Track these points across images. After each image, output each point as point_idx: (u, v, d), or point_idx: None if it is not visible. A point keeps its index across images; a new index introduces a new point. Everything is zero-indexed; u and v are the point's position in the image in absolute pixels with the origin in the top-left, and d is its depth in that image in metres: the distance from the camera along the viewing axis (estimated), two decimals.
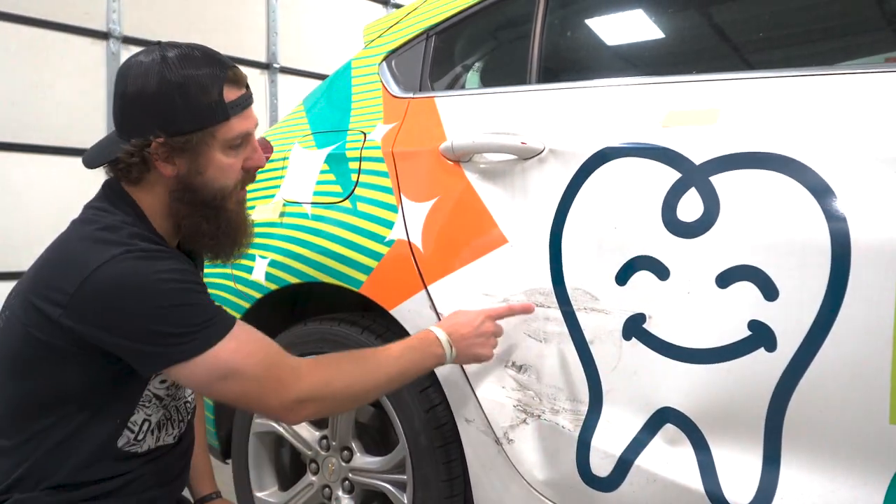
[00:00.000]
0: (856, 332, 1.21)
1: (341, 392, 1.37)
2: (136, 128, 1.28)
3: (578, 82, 1.63)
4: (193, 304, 1.25)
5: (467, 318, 1.54)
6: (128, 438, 1.35)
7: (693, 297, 1.36)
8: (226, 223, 1.37)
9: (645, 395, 1.43)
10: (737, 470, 1.33)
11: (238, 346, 1.27)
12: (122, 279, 1.19)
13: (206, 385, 1.27)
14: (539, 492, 1.55)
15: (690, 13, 1.77)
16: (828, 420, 1.24)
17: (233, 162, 1.35)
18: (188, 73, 1.27)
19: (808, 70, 1.34)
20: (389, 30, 2.07)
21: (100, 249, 1.21)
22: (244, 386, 1.27)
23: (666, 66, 1.79)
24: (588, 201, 1.49)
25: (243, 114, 1.34)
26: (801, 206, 1.25)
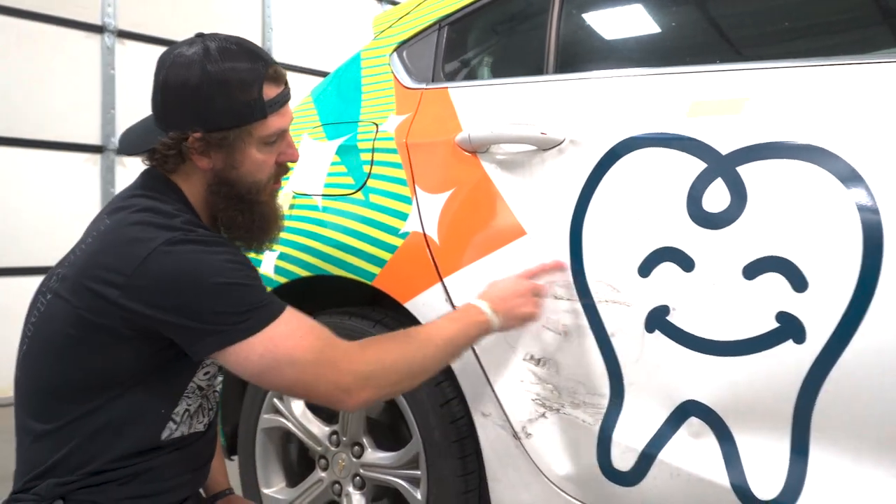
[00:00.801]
0: (887, 323, 1.19)
1: (396, 370, 1.34)
2: (175, 120, 1.29)
3: (598, 72, 1.61)
4: (251, 285, 1.26)
5: (503, 283, 1.52)
6: (171, 430, 1.35)
7: (719, 289, 1.34)
8: (260, 216, 1.39)
9: (668, 389, 1.41)
10: (763, 464, 1.31)
11: (291, 330, 1.26)
12: (183, 259, 1.20)
13: (259, 371, 1.25)
14: (558, 487, 1.53)
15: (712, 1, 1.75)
16: (859, 412, 1.23)
17: (267, 157, 1.36)
18: (229, 69, 1.27)
19: (835, 59, 1.32)
20: (399, 20, 2.04)
21: (158, 231, 1.22)
22: (298, 372, 1.25)
23: (689, 55, 1.77)
24: (610, 192, 1.47)
25: (280, 111, 1.34)
26: (831, 195, 1.24)
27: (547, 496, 1.55)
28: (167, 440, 1.34)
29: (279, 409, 1.94)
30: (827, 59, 1.33)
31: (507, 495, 1.61)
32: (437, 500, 1.69)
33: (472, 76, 1.94)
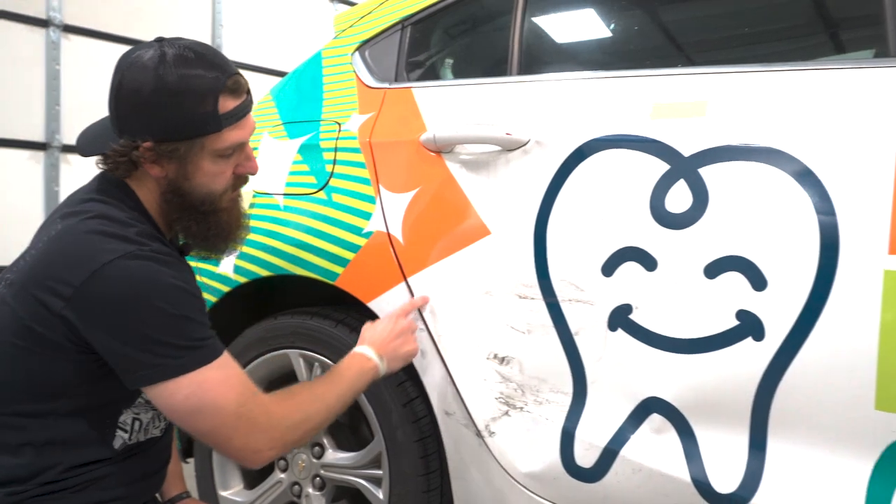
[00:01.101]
0: (844, 322, 1.24)
1: (299, 429, 1.33)
2: (127, 127, 1.24)
3: (562, 74, 1.63)
4: (196, 319, 1.23)
5: (380, 326, 1.57)
6: (123, 439, 1.32)
7: (681, 288, 1.37)
8: (216, 225, 1.35)
9: (631, 386, 1.44)
10: (723, 458, 1.35)
11: (223, 377, 1.24)
12: (135, 278, 1.16)
13: (180, 411, 1.22)
14: (521, 484, 1.55)
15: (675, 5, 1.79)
16: (815, 407, 1.27)
17: (222, 169, 1.31)
18: (184, 78, 1.21)
19: (795, 65, 1.37)
20: (362, 20, 2.04)
21: (110, 243, 1.18)
22: (219, 422, 1.23)
23: (650, 59, 1.81)
24: (575, 192, 1.49)
25: (238, 124, 1.29)
26: (789, 197, 1.28)
27: (510, 493, 1.56)
28: (121, 448, 1.32)
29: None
30: (785, 65, 1.37)
31: (471, 493, 1.62)
32: (399, 499, 1.69)
33: (436, 76, 1.95)
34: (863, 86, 1.29)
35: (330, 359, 1.76)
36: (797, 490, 1.28)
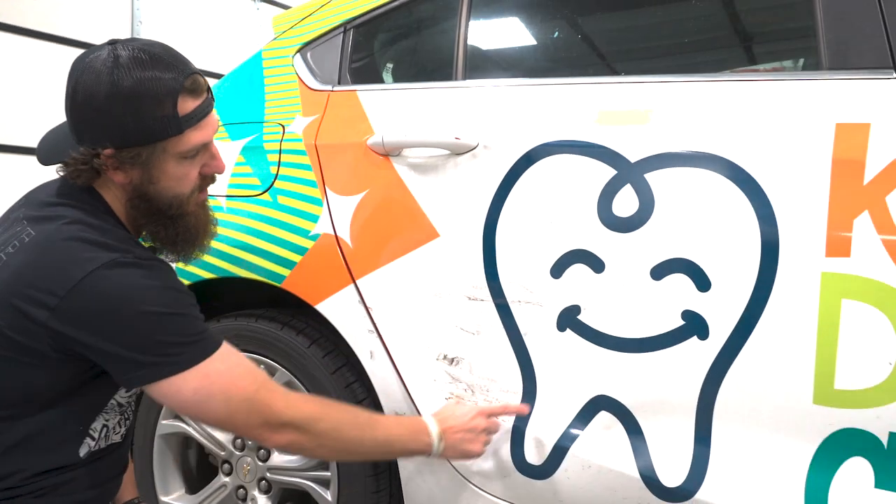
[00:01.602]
0: (784, 321, 1.30)
1: (327, 433, 1.31)
2: (85, 135, 1.21)
3: (510, 80, 1.66)
4: (189, 315, 1.23)
5: (461, 412, 1.50)
6: (89, 446, 1.30)
7: (628, 289, 1.42)
8: (184, 229, 1.33)
9: (579, 384, 1.48)
10: (670, 453, 1.40)
11: (228, 367, 1.24)
12: (122, 284, 1.16)
13: (191, 405, 1.22)
14: (472, 482, 1.57)
15: (614, 15, 1.84)
16: (757, 402, 1.33)
17: (187, 171, 1.29)
18: (140, 82, 1.18)
19: (736, 75, 1.43)
20: (302, 22, 2.03)
21: (93, 251, 1.16)
22: (232, 405, 1.23)
23: (595, 66, 1.85)
24: (523, 196, 1.52)
25: (200, 124, 1.26)
26: (732, 202, 1.34)
27: (460, 492, 1.59)
28: (86, 455, 1.30)
29: (179, 415, 1.89)
30: (726, 75, 1.44)
31: (421, 492, 1.64)
32: (347, 499, 1.69)
33: (380, 79, 1.95)
34: (800, 97, 1.36)
35: (276, 361, 1.76)
36: (741, 482, 1.34)
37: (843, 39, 1.37)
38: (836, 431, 1.28)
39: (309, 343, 1.74)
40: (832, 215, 1.28)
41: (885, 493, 1.25)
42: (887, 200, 1.25)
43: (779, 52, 1.78)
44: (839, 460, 1.28)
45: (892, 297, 1.23)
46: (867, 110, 1.30)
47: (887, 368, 1.24)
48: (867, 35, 1.36)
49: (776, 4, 1.75)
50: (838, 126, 1.30)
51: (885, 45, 1.34)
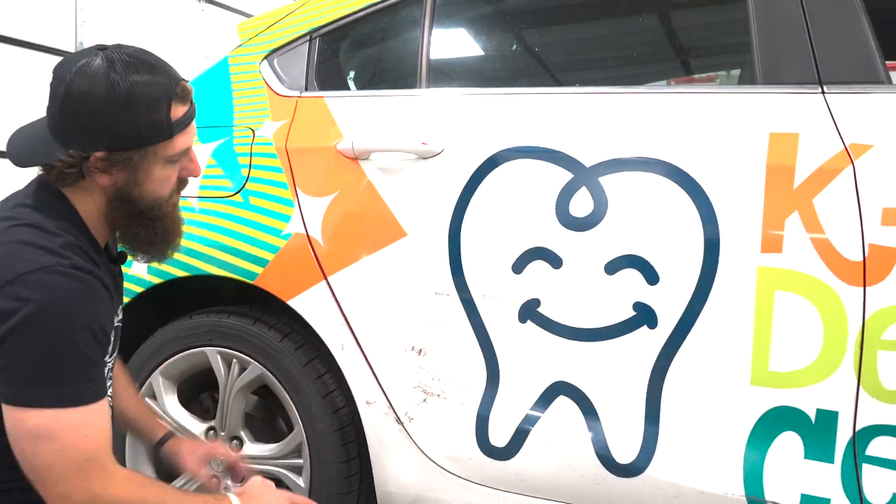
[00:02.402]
0: (724, 310, 1.45)
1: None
2: (76, 139, 1.23)
3: (472, 89, 1.78)
4: (88, 356, 1.21)
5: (269, 498, 1.42)
6: None
7: (584, 283, 1.55)
8: (162, 230, 1.37)
9: (540, 371, 1.60)
10: (623, 433, 1.54)
11: (85, 425, 1.19)
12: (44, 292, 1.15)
13: (25, 438, 1.18)
14: (439, 465, 1.68)
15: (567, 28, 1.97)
16: (700, 384, 1.48)
17: (170, 173, 1.33)
18: (136, 87, 1.21)
19: (683, 88, 1.57)
20: (268, 29, 2.11)
21: (33, 254, 1.18)
22: (57, 460, 1.18)
23: (550, 76, 1.98)
24: (486, 198, 1.64)
25: (186, 129, 1.31)
26: (678, 204, 1.48)
27: (429, 474, 1.70)
28: None
29: (151, 408, 1.95)
30: (672, 88, 1.58)
31: (391, 476, 1.74)
32: (320, 485, 1.79)
33: (344, 86, 2.05)
34: (738, 108, 1.51)
35: (249, 355, 1.84)
36: (687, 457, 1.48)
37: (775, 57, 1.53)
38: (770, 409, 1.43)
39: (281, 337, 1.82)
40: (766, 215, 1.43)
41: (813, 463, 1.41)
42: (814, 202, 1.40)
43: (720, 65, 1.93)
44: (773, 435, 1.44)
45: (819, 288, 1.39)
46: (796, 121, 1.46)
47: (814, 352, 1.40)
48: (796, 53, 1.51)
49: (717, 22, 1.90)
50: (771, 135, 1.46)
51: (811, 63, 1.50)
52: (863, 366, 1.37)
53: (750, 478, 1.44)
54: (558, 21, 2.00)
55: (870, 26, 1.49)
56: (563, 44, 2.01)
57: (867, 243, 1.37)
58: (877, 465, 1.38)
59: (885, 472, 1.37)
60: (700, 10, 1.87)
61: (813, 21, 1.52)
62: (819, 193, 1.40)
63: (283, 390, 1.81)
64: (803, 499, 1.40)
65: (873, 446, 1.38)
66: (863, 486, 1.38)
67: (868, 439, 1.38)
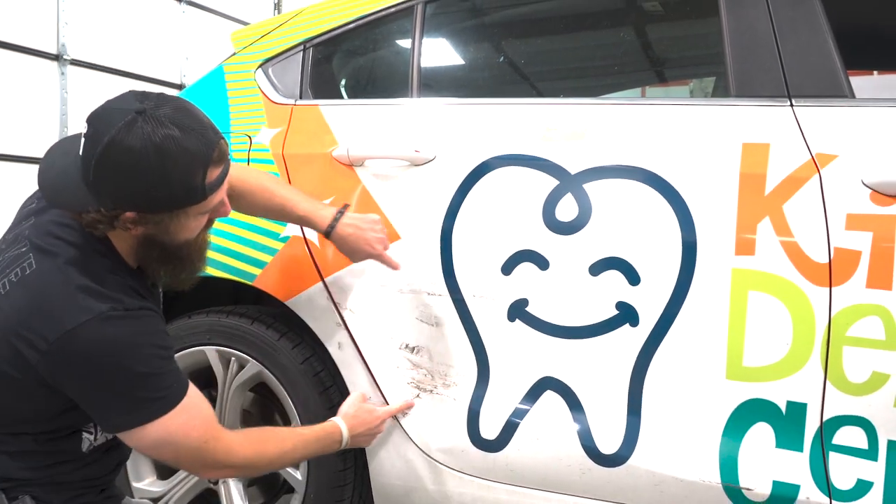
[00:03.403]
0: (701, 309, 1.55)
1: (258, 469, 1.58)
2: (107, 195, 1.24)
3: (463, 98, 1.87)
4: (164, 372, 1.33)
5: (370, 418, 1.72)
6: (89, 441, 1.43)
7: (569, 284, 1.64)
8: (189, 265, 1.43)
9: (528, 368, 1.69)
10: (607, 425, 1.63)
11: (185, 420, 1.35)
12: (106, 340, 1.25)
13: (148, 449, 1.38)
14: (433, 457, 1.77)
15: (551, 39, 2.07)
16: (679, 378, 1.58)
17: (202, 221, 1.37)
18: (172, 155, 1.21)
19: (659, 100, 1.67)
20: (262, 39, 2.19)
21: (85, 302, 1.25)
22: (181, 453, 1.39)
23: (536, 87, 2.08)
24: (477, 203, 1.73)
25: (222, 186, 1.33)
26: (658, 209, 1.58)
27: (422, 466, 1.78)
28: (89, 450, 1.43)
29: None
30: (651, 100, 1.68)
31: (385, 468, 1.82)
32: (316, 478, 1.87)
33: (338, 94, 2.13)
34: (713, 119, 1.61)
35: (247, 354, 1.91)
36: (667, 447, 1.58)
37: (747, 72, 1.63)
38: (744, 401, 1.53)
39: (278, 336, 1.90)
40: (740, 220, 1.53)
41: (784, 452, 1.51)
42: (784, 208, 1.51)
43: (697, 76, 2.04)
44: (747, 426, 1.54)
45: (788, 288, 1.49)
46: (767, 132, 1.56)
47: (785, 348, 1.50)
48: (766, 69, 1.62)
49: (693, 35, 2.01)
50: (744, 145, 1.56)
51: (780, 78, 1.60)
52: (829, 360, 1.47)
53: (725, 466, 1.54)
54: (543, 33, 2.10)
55: (835, 44, 1.60)
56: (548, 54, 2.10)
57: (833, 246, 1.47)
58: (842, 454, 1.48)
59: (850, 459, 1.48)
60: (677, 25, 1.98)
61: (782, 39, 1.62)
62: (788, 200, 1.51)
63: (280, 387, 1.89)
64: (775, 485, 1.50)
65: (839, 435, 1.48)
66: (830, 473, 1.48)
67: (834, 429, 1.49)
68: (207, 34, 6.45)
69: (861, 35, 2.03)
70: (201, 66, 6.00)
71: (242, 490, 1.97)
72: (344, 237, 1.69)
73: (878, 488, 1.45)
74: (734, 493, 1.53)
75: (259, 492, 2.08)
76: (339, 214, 1.70)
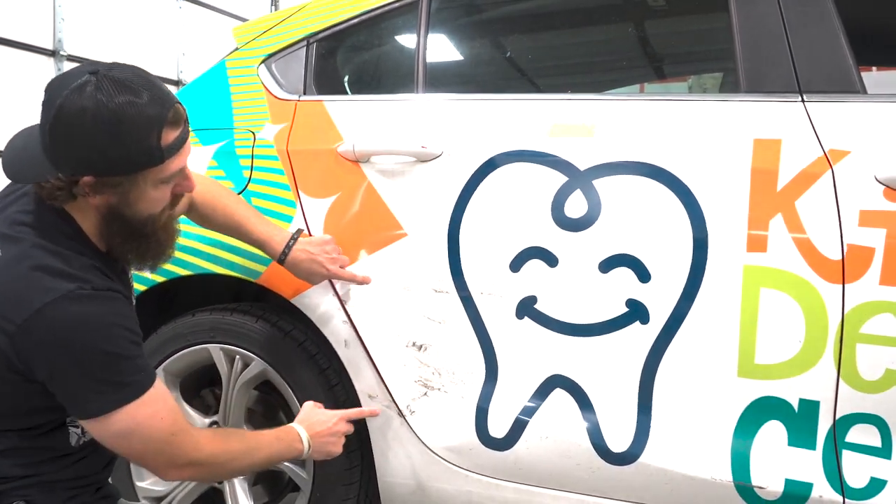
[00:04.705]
0: (712, 306, 1.54)
1: (221, 465, 1.48)
2: (66, 163, 1.24)
3: (469, 94, 1.85)
4: (133, 356, 1.31)
5: (325, 418, 1.68)
6: (77, 436, 1.41)
7: (579, 281, 1.63)
8: (155, 244, 1.41)
9: (537, 365, 1.68)
10: (617, 423, 1.62)
11: (154, 411, 1.33)
12: (73, 319, 1.23)
13: (112, 439, 1.33)
14: (440, 456, 1.75)
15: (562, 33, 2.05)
16: (690, 376, 1.57)
17: (164, 193, 1.35)
18: (127, 115, 1.20)
19: (670, 96, 1.66)
20: (265, 34, 2.17)
21: (52, 281, 1.23)
22: (147, 448, 1.35)
23: (544, 82, 2.06)
24: (484, 199, 1.71)
25: (179, 152, 1.31)
26: (667, 205, 1.57)
27: (430, 465, 1.77)
28: (78, 445, 1.41)
29: None
30: (660, 96, 1.66)
31: (393, 467, 1.81)
32: (322, 477, 1.85)
33: (342, 90, 2.11)
34: (724, 115, 1.60)
35: (251, 352, 1.89)
36: (678, 445, 1.57)
37: (758, 67, 1.62)
38: (756, 399, 1.52)
39: (284, 334, 1.88)
40: (752, 217, 1.52)
41: (796, 450, 1.50)
42: (796, 205, 1.49)
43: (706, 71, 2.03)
44: (759, 424, 1.53)
45: (801, 285, 1.48)
46: (779, 128, 1.55)
47: (797, 345, 1.49)
48: (777, 64, 1.60)
49: (703, 30, 1.99)
50: (755, 141, 1.55)
51: (791, 73, 1.59)
52: (842, 358, 1.46)
53: (737, 464, 1.52)
54: (548, 28, 2.08)
55: (846, 38, 1.58)
56: (554, 49, 2.08)
57: (846, 243, 1.46)
58: (855, 451, 1.48)
59: (864, 457, 1.47)
60: (688, 19, 1.97)
61: (793, 34, 1.61)
62: (801, 196, 1.49)
63: (286, 385, 1.87)
64: (787, 483, 1.49)
65: (852, 433, 1.47)
66: (843, 471, 1.47)
67: (847, 427, 1.48)
68: (204, 30, 6.42)
69: (873, 30, 2.02)
70: (198, 62, 5.97)
71: (248, 489, 1.96)
72: (296, 263, 1.72)
73: (892, 486, 1.44)
74: (746, 491, 1.52)
75: (263, 490, 2.06)
76: (291, 241, 1.71)
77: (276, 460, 1.62)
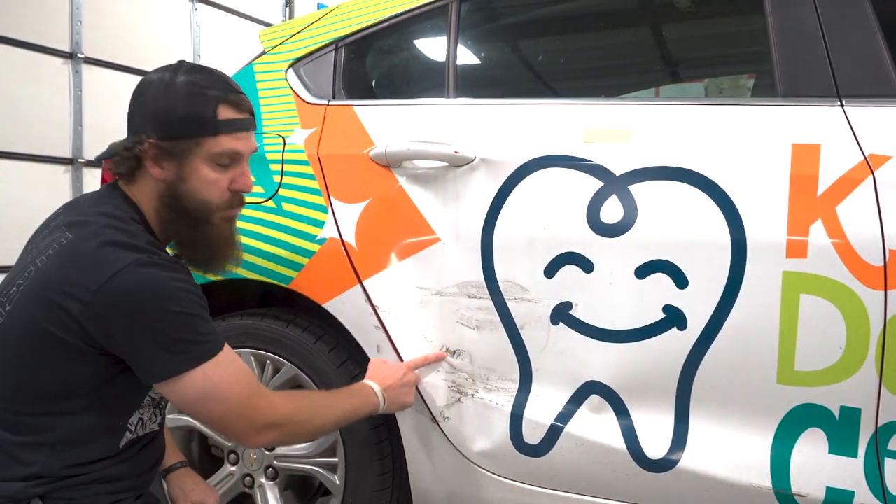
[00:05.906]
0: (750, 313, 1.52)
1: (301, 425, 1.49)
2: (136, 125, 1.39)
3: (503, 99, 1.84)
4: (201, 316, 1.35)
5: (392, 371, 1.71)
6: (128, 439, 1.42)
7: (615, 287, 1.62)
8: (204, 235, 1.44)
9: (572, 372, 1.67)
10: (653, 429, 1.61)
11: (229, 372, 1.37)
12: (146, 282, 1.28)
13: (193, 403, 1.35)
14: (474, 462, 1.75)
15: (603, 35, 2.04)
16: (728, 383, 1.55)
17: (218, 178, 1.41)
18: (190, 84, 1.36)
19: (708, 100, 1.65)
20: (292, 38, 2.16)
21: (124, 252, 1.28)
22: (226, 409, 1.37)
23: (579, 86, 2.05)
24: (518, 205, 1.71)
25: (236, 134, 1.40)
26: (705, 211, 1.55)
27: (463, 471, 1.76)
28: (125, 445, 1.42)
29: None
30: (698, 100, 1.65)
31: (426, 472, 1.80)
32: (356, 483, 1.85)
33: (371, 94, 2.11)
34: (762, 120, 1.58)
35: (282, 357, 1.89)
36: (716, 453, 1.56)
37: (795, 71, 1.61)
38: (796, 406, 1.51)
39: (315, 339, 1.88)
40: (791, 222, 1.50)
41: (837, 458, 1.49)
42: (837, 210, 1.48)
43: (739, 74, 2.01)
44: (799, 431, 1.51)
45: (841, 291, 1.47)
46: (818, 133, 1.53)
47: (838, 352, 1.47)
48: (815, 68, 1.59)
49: (739, 34, 1.98)
50: (794, 146, 1.54)
51: (830, 77, 1.57)
52: (884, 365, 1.45)
53: (777, 471, 1.51)
54: (581, 31, 2.07)
55: (885, 41, 1.57)
56: (586, 53, 2.07)
57: (888, 249, 1.44)
58: None
59: None
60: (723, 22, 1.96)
61: (830, 37, 1.59)
62: (841, 202, 1.48)
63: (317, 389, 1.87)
64: (828, 491, 1.48)
65: (895, 441, 1.46)
66: (885, 479, 1.46)
67: (890, 435, 1.46)
68: (219, 32, 6.43)
69: None
70: (214, 63, 5.98)
71: (278, 494, 1.95)
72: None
73: None
74: (786, 498, 1.51)
75: (293, 496, 2.06)
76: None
77: (353, 416, 1.61)
